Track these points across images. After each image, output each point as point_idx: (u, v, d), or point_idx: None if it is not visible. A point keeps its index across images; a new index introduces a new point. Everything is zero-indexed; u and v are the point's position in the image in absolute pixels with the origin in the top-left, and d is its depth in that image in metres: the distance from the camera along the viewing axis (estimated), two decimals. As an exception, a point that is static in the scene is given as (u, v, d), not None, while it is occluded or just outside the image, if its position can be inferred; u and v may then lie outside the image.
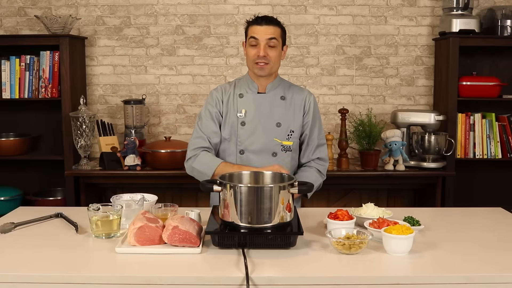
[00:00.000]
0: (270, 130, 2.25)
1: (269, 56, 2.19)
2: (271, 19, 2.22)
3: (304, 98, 2.32)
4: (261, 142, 2.24)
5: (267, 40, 2.18)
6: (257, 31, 2.19)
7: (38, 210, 2.23)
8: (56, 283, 1.53)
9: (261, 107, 2.27)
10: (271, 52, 2.19)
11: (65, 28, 3.41)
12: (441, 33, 3.50)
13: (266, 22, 2.19)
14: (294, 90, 2.33)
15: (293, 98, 2.30)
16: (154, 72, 3.71)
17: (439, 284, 1.53)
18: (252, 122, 2.26)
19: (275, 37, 2.19)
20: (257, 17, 2.24)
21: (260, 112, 2.26)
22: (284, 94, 2.30)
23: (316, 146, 2.32)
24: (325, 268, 1.60)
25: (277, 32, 2.20)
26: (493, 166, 3.66)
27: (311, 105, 2.32)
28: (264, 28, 2.18)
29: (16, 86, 3.44)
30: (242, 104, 2.28)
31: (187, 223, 1.73)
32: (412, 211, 2.05)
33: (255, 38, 2.19)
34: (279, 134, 2.26)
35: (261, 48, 2.17)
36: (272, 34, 2.18)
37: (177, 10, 3.66)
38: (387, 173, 3.30)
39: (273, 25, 2.20)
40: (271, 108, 2.27)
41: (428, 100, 3.73)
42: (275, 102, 2.28)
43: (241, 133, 2.26)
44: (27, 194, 3.56)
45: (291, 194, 1.74)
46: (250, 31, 2.22)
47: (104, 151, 3.37)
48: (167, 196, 3.61)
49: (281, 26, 2.24)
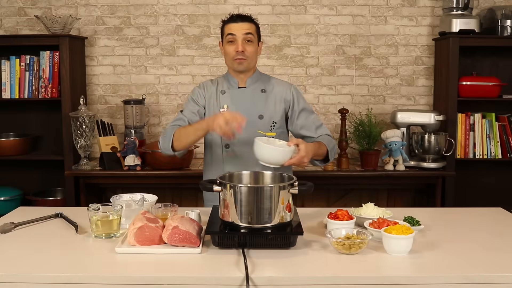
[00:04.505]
0: (252, 122, 2.28)
1: (247, 51, 2.26)
2: (245, 16, 2.30)
3: (285, 90, 2.37)
4: (246, 135, 2.24)
5: (244, 35, 2.25)
6: (234, 27, 2.27)
7: (38, 210, 2.23)
8: (56, 283, 1.53)
9: (243, 101, 2.33)
10: (248, 47, 2.27)
11: (65, 28, 3.41)
12: (441, 33, 3.50)
13: (241, 19, 2.28)
14: (275, 83, 2.40)
15: (274, 90, 2.36)
16: (154, 72, 3.71)
17: (439, 284, 1.53)
18: None
19: (251, 32, 2.27)
20: (232, 15, 2.32)
21: (242, 106, 2.31)
22: (264, 87, 2.36)
23: (316, 128, 2.34)
24: (325, 268, 1.60)
25: (253, 28, 2.28)
26: (493, 166, 3.66)
27: (294, 96, 2.36)
28: (240, 24, 2.26)
29: (16, 86, 3.44)
30: (224, 100, 2.34)
31: (187, 223, 1.73)
32: (412, 211, 2.05)
33: (232, 35, 2.26)
34: (262, 126, 2.31)
35: (239, 44, 2.25)
36: (248, 29, 2.26)
37: (177, 10, 3.66)
38: (387, 173, 3.30)
39: (248, 21, 2.28)
40: (252, 101, 2.33)
41: (428, 100, 3.73)
42: (255, 95, 2.34)
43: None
44: (27, 194, 3.56)
45: (291, 194, 1.74)
46: (227, 29, 2.29)
47: (104, 151, 3.37)
48: (167, 196, 3.61)
49: (255, 23, 2.32)
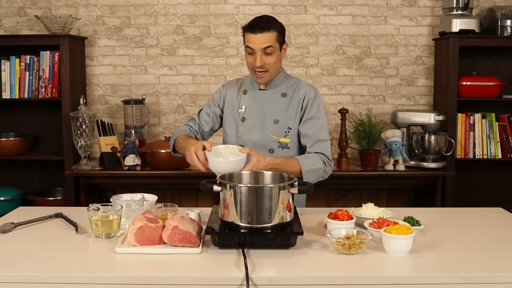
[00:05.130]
0: (267, 126, 2.25)
1: (266, 64, 2.15)
2: (265, 25, 2.12)
3: (304, 94, 2.25)
4: (258, 138, 2.25)
5: (263, 49, 2.13)
6: (252, 40, 2.13)
7: (38, 210, 2.23)
8: (56, 283, 1.53)
9: (261, 103, 2.27)
10: (268, 60, 2.15)
11: (65, 28, 3.41)
12: (441, 33, 3.50)
13: (260, 30, 2.11)
14: (297, 87, 2.29)
15: (294, 95, 2.27)
16: (154, 72, 3.71)
17: (439, 284, 1.53)
18: (251, 119, 2.27)
19: (270, 45, 2.12)
20: (251, 23, 2.15)
21: (259, 108, 2.27)
22: (286, 91, 2.27)
23: (315, 141, 2.22)
24: (325, 268, 1.60)
25: (273, 38, 2.13)
26: (493, 166, 3.66)
27: (310, 101, 2.24)
28: (259, 36, 2.11)
29: (16, 86, 3.44)
30: (244, 100, 2.30)
31: (187, 223, 1.73)
32: (412, 211, 2.04)
33: (251, 48, 2.14)
34: (276, 131, 2.24)
35: (257, 59, 2.13)
36: (267, 42, 2.12)
37: (177, 10, 3.66)
38: (387, 173, 3.30)
39: (267, 31, 2.12)
40: (271, 105, 2.26)
41: (428, 100, 3.73)
42: (275, 99, 2.27)
43: (240, 128, 2.29)
44: (27, 194, 3.56)
45: (291, 194, 1.74)
46: (246, 39, 2.17)
47: (104, 151, 3.37)
48: (167, 196, 3.61)
49: (278, 28, 2.15)
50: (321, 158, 2.17)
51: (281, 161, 2.08)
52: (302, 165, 2.11)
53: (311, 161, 2.15)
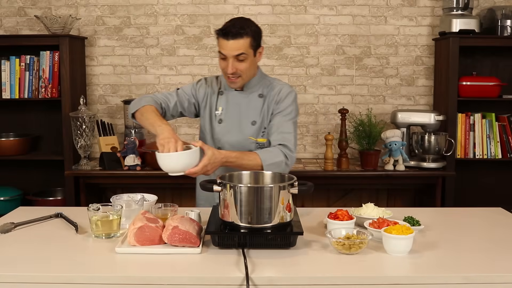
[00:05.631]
0: (245, 128, 2.23)
1: (239, 70, 2.11)
2: (238, 31, 2.06)
3: (277, 92, 2.22)
4: (236, 140, 2.22)
5: (235, 56, 2.08)
6: (224, 46, 2.08)
7: (38, 210, 2.23)
8: (56, 283, 1.53)
9: (239, 105, 2.25)
10: (240, 66, 2.10)
11: (65, 28, 3.41)
12: (441, 33, 3.50)
13: (233, 36, 2.06)
14: (272, 86, 2.26)
15: (268, 94, 2.24)
16: (154, 72, 3.71)
17: (439, 284, 1.53)
18: (228, 121, 2.25)
19: (243, 52, 2.08)
20: (224, 28, 2.09)
21: (237, 110, 2.24)
22: (262, 91, 2.25)
23: (279, 132, 2.17)
24: (325, 268, 1.60)
25: (246, 44, 2.08)
26: (493, 166, 3.66)
27: (282, 98, 2.21)
28: (231, 43, 2.06)
29: (16, 86, 3.44)
30: (221, 102, 2.26)
31: (187, 223, 1.73)
32: (412, 211, 2.04)
33: (223, 54, 2.10)
34: (253, 132, 2.23)
35: (229, 65, 2.09)
36: (239, 49, 2.07)
37: (177, 10, 3.66)
38: (387, 173, 3.30)
39: (240, 37, 2.06)
40: (248, 106, 2.24)
41: (428, 100, 3.73)
42: (252, 100, 2.24)
43: (217, 130, 2.26)
44: (27, 194, 3.56)
45: (291, 194, 1.74)
46: (219, 44, 2.12)
47: (104, 151, 3.37)
48: (167, 196, 3.61)
49: (252, 34, 2.10)
50: (282, 151, 2.11)
51: (237, 154, 2.04)
52: (263, 160, 2.06)
53: (271, 155, 2.09)
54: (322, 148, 3.66)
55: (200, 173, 1.92)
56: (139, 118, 2.16)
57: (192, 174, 1.90)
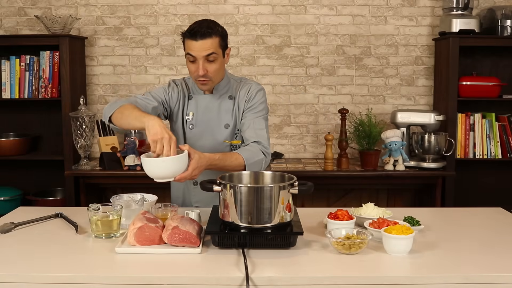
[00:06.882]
0: (218, 132, 2.20)
1: (209, 72, 2.08)
2: (206, 31, 2.03)
3: (246, 91, 2.20)
4: (210, 145, 2.19)
5: (205, 57, 2.05)
6: (193, 47, 2.03)
7: (38, 210, 2.23)
8: (56, 283, 1.53)
9: (210, 109, 2.21)
10: (210, 67, 2.07)
11: (65, 28, 3.41)
12: (441, 33, 3.50)
13: (202, 36, 2.02)
14: (241, 86, 2.23)
15: (238, 94, 2.22)
16: (154, 72, 3.71)
17: (439, 284, 1.53)
18: (200, 126, 2.21)
19: (213, 52, 2.04)
20: (191, 29, 2.05)
21: (208, 114, 2.20)
22: (232, 93, 2.22)
23: (253, 129, 2.15)
24: (325, 268, 1.60)
25: (215, 44, 2.05)
26: (493, 166, 3.66)
27: (252, 96, 2.19)
28: (200, 43, 2.02)
29: (16, 86, 3.44)
30: (191, 107, 2.22)
31: (187, 223, 1.73)
32: (412, 211, 2.04)
33: (192, 55, 2.05)
34: (228, 135, 2.21)
35: (200, 67, 2.05)
36: (209, 49, 2.03)
37: (177, 10, 3.66)
38: (387, 173, 3.30)
39: (209, 37, 2.03)
40: (220, 109, 2.21)
41: (428, 100, 3.73)
42: (223, 103, 2.21)
43: (190, 136, 2.22)
44: (27, 194, 3.56)
45: (291, 194, 1.74)
46: (186, 46, 2.07)
47: (104, 151, 3.37)
48: (167, 196, 3.60)
49: (220, 34, 2.08)
50: (260, 150, 2.10)
51: (220, 156, 1.99)
52: (246, 159, 2.02)
53: (252, 154, 2.07)
54: (322, 148, 3.66)
55: (188, 178, 1.86)
56: (119, 119, 2.00)
57: (182, 179, 1.84)
